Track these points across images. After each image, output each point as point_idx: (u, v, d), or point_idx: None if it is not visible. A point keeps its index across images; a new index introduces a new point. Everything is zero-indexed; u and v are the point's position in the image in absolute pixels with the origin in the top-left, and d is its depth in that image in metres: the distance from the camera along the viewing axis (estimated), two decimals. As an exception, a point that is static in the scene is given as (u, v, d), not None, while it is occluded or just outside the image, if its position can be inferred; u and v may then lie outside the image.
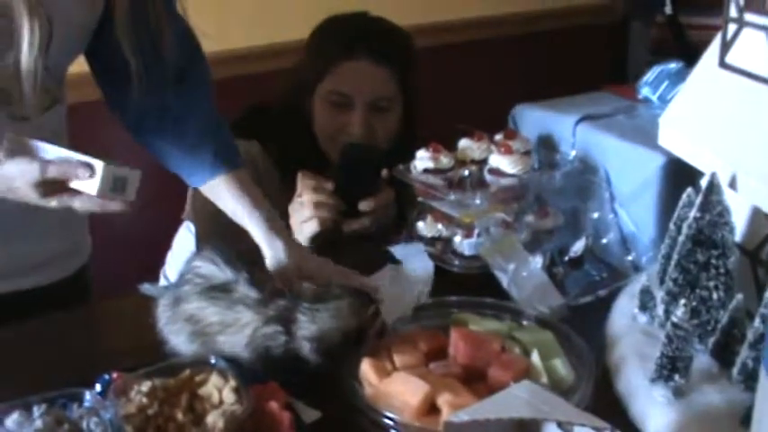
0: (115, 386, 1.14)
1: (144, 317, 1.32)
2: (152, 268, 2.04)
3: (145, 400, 1.11)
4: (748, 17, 1.16)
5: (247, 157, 1.87)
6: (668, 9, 2.37)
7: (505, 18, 3.41)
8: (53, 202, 1.31)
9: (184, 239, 2.00)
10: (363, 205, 1.74)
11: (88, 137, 1.61)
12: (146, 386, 1.13)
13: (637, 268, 1.55)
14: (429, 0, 3.20)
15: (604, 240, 1.63)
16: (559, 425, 0.97)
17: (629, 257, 1.59)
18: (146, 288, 1.43)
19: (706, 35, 2.29)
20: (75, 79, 1.61)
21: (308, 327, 1.19)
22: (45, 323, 1.49)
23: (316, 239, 1.72)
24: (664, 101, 1.75)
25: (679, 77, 1.74)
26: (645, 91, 1.83)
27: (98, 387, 1.15)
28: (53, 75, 1.52)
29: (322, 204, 1.71)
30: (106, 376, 1.17)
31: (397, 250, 1.63)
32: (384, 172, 1.73)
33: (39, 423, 1.06)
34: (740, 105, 1.18)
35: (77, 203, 1.32)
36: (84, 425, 1.06)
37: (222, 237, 1.80)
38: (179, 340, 1.27)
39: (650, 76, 1.84)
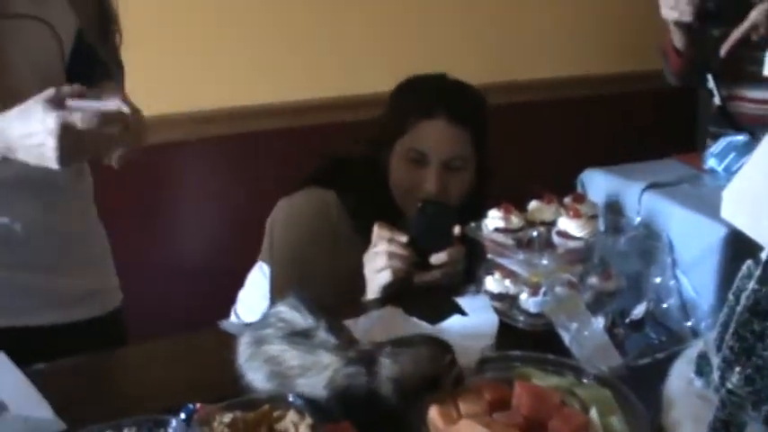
0: (199, 416, 1.21)
1: (221, 352, 1.37)
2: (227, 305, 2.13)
3: (226, 430, 1.18)
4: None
5: (323, 206, 1.95)
6: (717, 100, 2.40)
7: (579, 79, 3.47)
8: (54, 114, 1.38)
9: (258, 280, 2.07)
10: (435, 259, 1.79)
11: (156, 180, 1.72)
12: (227, 417, 1.19)
13: (695, 334, 1.57)
14: (503, 59, 3.27)
15: (665, 305, 1.65)
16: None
17: (689, 323, 1.61)
18: (225, 324, 1.51)
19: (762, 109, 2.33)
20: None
21: (391, 368, 1.24)
22: (131, 352, 1.58)
23: (388, 289, 1.78)
24: (729, 172, 1.77)
25: (745, 150, 1.77)
26: (711, 161, 1.85)
27: (182, 415, 1.22)
28: None
29: (396, 255, 1.77)
30: (190, 406, 1.23)
31: (464, 302, 1.68)
32: (456, 229, 1.78)
33: (129, 443, 1.14)
34: (801, 183, 1.22)
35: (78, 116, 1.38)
36: (171, 449, 1.14)
37: (298, 281, 1.89)
38: (256, 377, 1.32)
39: (717, 147, 1.86)
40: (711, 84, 2.37)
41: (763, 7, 2.07)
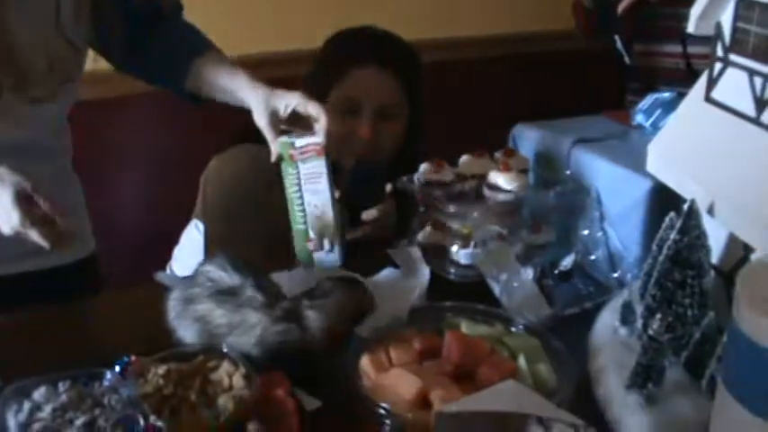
0: (134, 368, 1.21)
1: (157, 305, 1.38)
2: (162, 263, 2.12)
3: (161, 381, 1.19)
4: (732, 57, 1.24)
5: (255, 162, 1.95)
6: (627, 60, 2.48)
7: (513, 36, 3.48)
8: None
9: (192, 237, 2.07)
10: (366, 215, 1.80)
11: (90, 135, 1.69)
12: (162, 369, 1.21)
13: (622, 284, 1.60)
14: (435, 16, 3.27)
15: (593, 257, 1.68)
16: (539, 420, 1.05)
17: (615, 274, 1.65)
18: (161, 276, 1.50)
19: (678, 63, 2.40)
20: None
21: (319, 318, 1.28)
22: (67, 308, 1.57)
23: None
24: (656, 128, 1.81)
25: (671, 106, 1.78)
26: (639, 117, 1.89)
27: (117, 368, 1.22)
28: (73, 47, 1.63)
29: None
30: (125, 358, 1.23)
31: (397, 255, 1.70)
32: (388, 186, 1.80)
33: (64, 397, 1.14)
34: (722, 138, 1.25)
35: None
36: (106, 401, 1.14)
37: (231, 238, 1.89)
38: (187, 334, 1.34)
39: (645, 103, 1.90)
40: (619, 44, 2.45)
41: None
